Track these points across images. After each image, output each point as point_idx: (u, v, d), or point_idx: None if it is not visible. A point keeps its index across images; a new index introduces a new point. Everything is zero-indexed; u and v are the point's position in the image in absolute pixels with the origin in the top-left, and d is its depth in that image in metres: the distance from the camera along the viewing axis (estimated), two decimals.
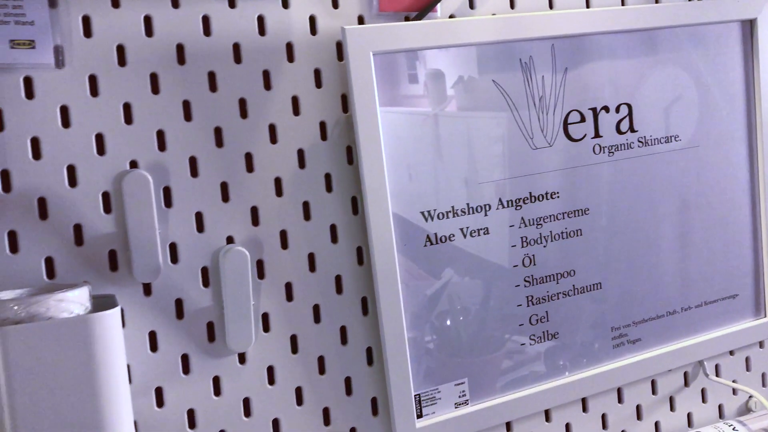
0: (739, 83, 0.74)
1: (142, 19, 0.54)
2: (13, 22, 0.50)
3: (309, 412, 0.60)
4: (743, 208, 0.75)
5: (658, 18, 0.69)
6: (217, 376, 0.57)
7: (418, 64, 0.60)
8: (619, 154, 0.68)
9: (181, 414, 0.56)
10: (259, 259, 0.58)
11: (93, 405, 0.44)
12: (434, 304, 0.62)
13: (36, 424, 0.43)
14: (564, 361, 0.67)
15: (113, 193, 0.53)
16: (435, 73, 0.61)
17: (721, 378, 0.76)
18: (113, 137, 0.53)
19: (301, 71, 0.59)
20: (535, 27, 0.64)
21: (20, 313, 0.43)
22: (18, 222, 0.51)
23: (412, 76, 0.60)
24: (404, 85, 0.60)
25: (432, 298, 0.61)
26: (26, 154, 0.51)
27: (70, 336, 0.43)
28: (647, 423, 0.73)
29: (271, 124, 0.58)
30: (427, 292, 0.61)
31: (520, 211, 0.64)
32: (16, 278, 0.51)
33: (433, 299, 0.61)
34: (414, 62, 0.60)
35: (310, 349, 0.60)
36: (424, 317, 0.61)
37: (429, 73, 0.61)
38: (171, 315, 0.55)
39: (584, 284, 0.68)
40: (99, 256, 0.53)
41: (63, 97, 0.52)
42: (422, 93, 0.61)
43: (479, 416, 0.63)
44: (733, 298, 0.75)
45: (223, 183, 0.57)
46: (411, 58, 0.60)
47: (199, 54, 0.56)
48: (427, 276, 0.61)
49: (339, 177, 0.60)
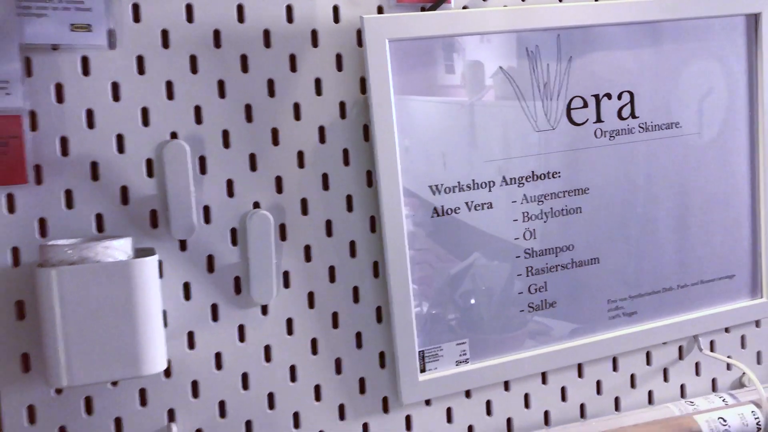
0: (742, 74, 0.77)
1: (184, 6, 0.61)
2: (74, 8, 0.58)
3: (323, 362, 0.67)
4: (742, 194, 0.79)
5: (664, 11, 0.73)
6: (242, 325, 0.64)
7: (431, 52, 0.66)
8: (619, 139, 0.73)
9: (210, 356, 0.63)
10: (281, 223, 0.65)
11: (131, 338, 0.52)
12: (439, 271, 0.68)
13: (83, 351, 0.51)
14: (561, 328, 0.73)
15: (155, 159, 0.61)
16: (447, 60, 0.67)
17: (715, 353, 0.80)
18: (156, 111, 0.61)
19: (324, 56, 0.65)
20: (543, 18, 0.69)
21: (73, 257, 0.51)
22: (73, 182, 0.59)
23: (425, 63, 0.66)
24: (418, 70, 0.66)
25: (437, 265, 0.68)
26: (82, 123, 0.59)
27: (113, 277, 0.51)
28: (641, 391, 0.78)
29: (295, 102, 0.65)
30: (432, 259, 0.67)
31: (523, 188, 0.70)
32: (71, 230, 0.59)
33: (438, 266, 0.68)
34: (428, 50, 0.66)
35: (326, 305, 0.67)
36: (429, 282, 0.67)
37: (441, 61, 0.66)
38: (203, 269, 0.63)
39: (582, 258, 0.73)
40: (141, 215, 0.61)
41: (114, 74, 0.60)
42: (435, 79, 0.66)
43: (478, 374, 0.70)
44: (730, 279, 0.79)
45: (252, 154, 0.64)
46: (427, 47, 0.66)
47: (233, 38, 0.63)
48: (432, 244, 0.67)
49: (355, 152, 0.67)
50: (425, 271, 0.67)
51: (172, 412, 0.62)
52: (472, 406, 0.71)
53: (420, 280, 0.67)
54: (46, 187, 0.58)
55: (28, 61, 0.57)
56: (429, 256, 0.67)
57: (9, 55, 0.55)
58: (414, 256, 0.66)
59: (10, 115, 0.56)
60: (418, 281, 0.67)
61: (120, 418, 0.61)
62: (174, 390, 0.62)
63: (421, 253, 0.67)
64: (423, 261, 0.67)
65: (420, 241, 0.67)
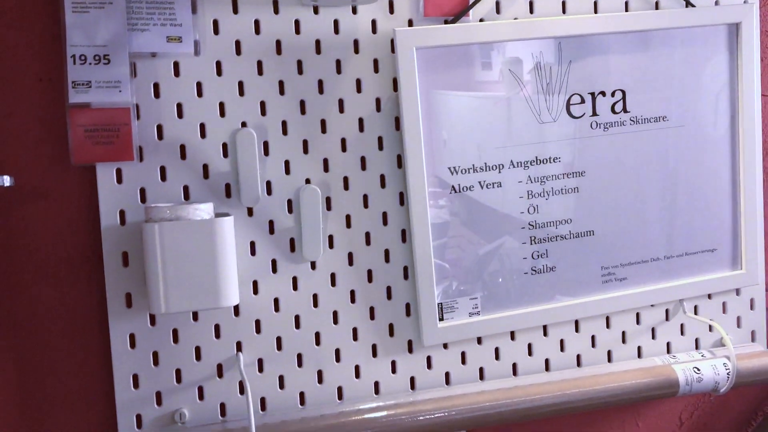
0: (725, 75, 0.89)
1: (253, 22, 0.77)
2: (169, 24, 0.74)
3: (359, 309, 0.82)
4: (724, 178, 0.90)
5: (655, 21, 0.85)
6: (295, 276, 0.80)
7: (453, 57, 0.80)
8: (613, 130, 0.86)
9: (270, 301, 0.79)
10: (327, 196, 0.80)
11: (212, 278, 0.68)
12: (456, 239, 0.82)
13: (177, 286, 0.67)
14: (560, 289, 0.86)
15: (230, 143, 0.77)
16: (466, 63, 0.81)
17: (699, 316, 0.93)
18: (231, 105, 0.77)
19: (364, 60, 0.80)
20: (548, 28, 0.82)
21: (170, 215, 0.68)
22: (167, 160, 0.75)
23: (448, 65, 0.80)
24: (441, 72, 0.80)
25: (454, 233, 0.82)
26: (173, 114, 0.75)
27: (200, 232, 0.67)
28: (630, 346, 0.91)
29: (340, 98, 0.80)
30: (450, 228, 0.82)
31: (528, 170, 0.83)
32: (166, 197, 0.75)
33: (454, 234, 0.82)
34: (451, 55, 0.80)
35: (362, 263, 0.82)
36: (448, 247, 0.82)
37: (461, 64, 0.80)
38: (265, 231, 0.79)
39: (579, 230, 0.86)
40: (218, 187, 0.77)
41: (198, 75, 0.76)
42: (456, 78, 0.81)
43: (488, 324, 0.84)
44: (711, 252, 0.92)
45: (305, 140, 0.79)
46: (450, 53, 0.80)
47: (291, 47, 0.78)
48: (450, 216, 0.82)
49: (388, 139, 0.81)
50: (444, 239, 0.82)
51: (240, 344, 0.78)
52: (482, 351, 0.86)
53: (439, 246, 0.81)
54: (146, 164, 0.75)
55: (134, 66, 0.74)
56: (447, 227, 0.82)
57: (121, 61, 0.72)
58: (434, 226, 0.81)
59: (121, 108, 0.72)
60: (438, 247, 0.81)
61: (199, 346, 0.77)
62: (241, 326, 0.78)
63: (440, 223, 0.81)
64: (442, 230, 0.81)
65: (439, 214, 0.81)
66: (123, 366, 0.75)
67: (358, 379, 0.81)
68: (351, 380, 0.81)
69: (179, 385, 0.76)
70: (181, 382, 0.76)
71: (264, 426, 0.76)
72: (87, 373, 0.76)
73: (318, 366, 0.80)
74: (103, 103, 0.71)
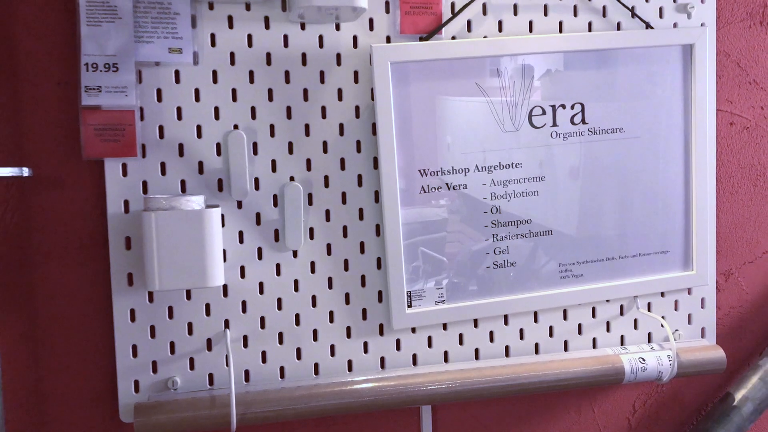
0: (679, 91, 0.97)
1: (246, 36, 0.86)
2: (171, 37, 0.84)
3: (336, 294, 0.91)
4: (677, 185, 0.98)
5: (616, 41, 0.94)
6: (278, 263, 0.89)
7: (427, 70, 0.89)
8: (571, 139, 0.94)
9: (255, 284, 0.88)
10: (309, 192, 0.89)
11: (201, 261, 0.78)
12: (425, 233, 0.91)
13: (170, 266, 0.77)
14: (520, 283, 0.95)
15: (223, 143, 0.86)
16: (438, 76, 0.89)
17: (651, 312, 1.01)
18: (224, 109, 0.86)
19: (345, 72, 0.89)
20: (513, 47, 0.91)
21: (166, 205, 0.77)
22: (167, 157, 0.85)
23: (423, 77, 0.89)
24: (416, 82, 0.89)
25: (423, 228, 0.91)
26: (173, 116, 0.85)
27: (191, 220, 0.77)
28: (586, 337, 0.99)
29: (323, 105, 0.89)
30: (419, 224, 0.91)
31: (492, 174, 0.92)
32: (164, 189, 0.85)
33: (424, 230, 0.91)
34: (424, 69, 0.89)
35: (340, 253, 0.91)
36: (417, 242, 0.91)
37: (434, 76, 0.89)
38: (253, 222, 0.88)
39: (538, 230, 0.95)
40: (212, 181, 0.87)
41: (196, 83, 0.85)
42: (428, 90, 0.89)
43: (452, 312, 0.92)
44: (665, 254, 1.00)
45: (290, 142, 0.88)
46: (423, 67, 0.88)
47: (280, 59, 0.87)
48: (419, 213, 0.91)
49: (365, 143, 0.90)
50: (414, 234, 0.91)
51: (227, 322, 0.88)
52: (447, 337, 0.94)
53: (410, 240, 0.90)
54: (148, 160, 0.85)
55: (139, 73, 0.84)
56: (416, 225, 0.91)
57: (128, 69, 0.82)
58: (405, 223, 0.90)
59: (127, 110, 0.82)
60: (408, 241, 0.90)
61: (191, 323, 0.87)
62: (229, 306, 0.88)
63: (410, 221, 0.90)
64: (412, 226, 0.90)
65: (410, 211, 0.90)
66: (124, 337, 0.85)
67: (333, 357, 0.91)
68: (327, 358, 0.91)
69: (173, 355, 0.86)
70: (175, 353, 0.86)
71: (247, 394, 0.85)
72: (92, 342, 0.86)
73: (297, 344, 0.90)
74: (112, 106, 0.81)
